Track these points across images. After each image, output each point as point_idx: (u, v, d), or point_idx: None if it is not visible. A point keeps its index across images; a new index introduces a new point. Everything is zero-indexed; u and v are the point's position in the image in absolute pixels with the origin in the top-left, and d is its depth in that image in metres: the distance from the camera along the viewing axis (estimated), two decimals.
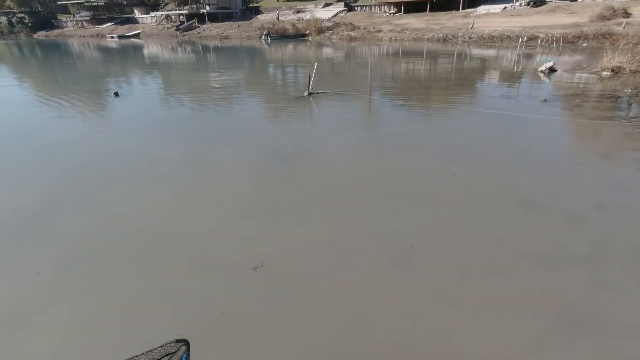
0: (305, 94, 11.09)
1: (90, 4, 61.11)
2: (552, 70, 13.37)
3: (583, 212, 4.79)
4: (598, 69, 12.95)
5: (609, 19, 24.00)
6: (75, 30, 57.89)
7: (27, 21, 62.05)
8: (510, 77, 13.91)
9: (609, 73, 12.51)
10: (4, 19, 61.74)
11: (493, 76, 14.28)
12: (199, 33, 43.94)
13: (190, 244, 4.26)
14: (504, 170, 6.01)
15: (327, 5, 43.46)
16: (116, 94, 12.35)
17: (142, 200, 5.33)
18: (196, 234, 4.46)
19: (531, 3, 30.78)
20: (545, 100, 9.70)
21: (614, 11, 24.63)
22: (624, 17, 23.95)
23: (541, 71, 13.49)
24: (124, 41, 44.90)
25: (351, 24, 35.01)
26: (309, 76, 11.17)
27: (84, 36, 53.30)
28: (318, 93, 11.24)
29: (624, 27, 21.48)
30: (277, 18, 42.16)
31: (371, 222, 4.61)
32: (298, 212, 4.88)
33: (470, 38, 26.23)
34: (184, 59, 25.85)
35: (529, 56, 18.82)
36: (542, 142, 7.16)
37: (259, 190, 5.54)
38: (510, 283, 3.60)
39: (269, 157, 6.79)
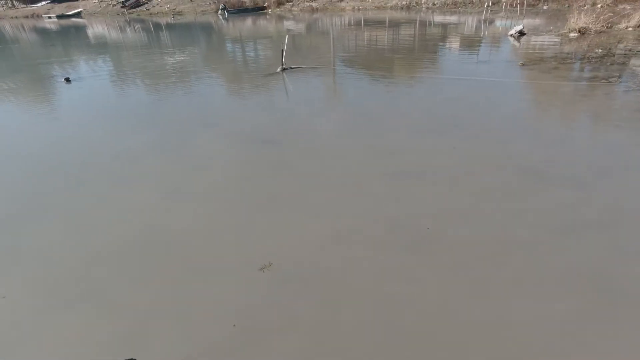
0: (279, 69, 10.42)
1: None
2: (521, 33, 13.37)
3: (586, 177, 4.69)
4: (565, 31, 13.08)
5: None
6: (5, 11, 52.15)
7: None
8: (482, 42, 13.81)
9: (576, 34, 12.65)
10: None
11: (465, 42, 14.13)
12: (148, 9, 40.85)
13: (185, 249, 3.75)
14: (498, 139, 5.84)
15: None
16: (67, 79, 11.08)
17: (119, 203, 4.69)
18: (189, 236, 3.95)
19: None
20: (523, 64, 9.64)
21: None
22: None
23: (511, 35, 13.47)
24: (64, 21, 40.98)
25: None
26: (282, 50, 10.47)
27: (16, 17, 48.17)
28: (292, 68, 10.59)
29: None
30: None
31: (378, 208, 4.28)
32: (297, 202, 4.46)
33: (433, 4, 25.94)
34: (135, 38, 23.89)
35: (493, 21, 18.83)
36: (528, 107, 7.07)
37: (249, 180, 5.04)
38: (535, 258, 3.42)
39: (252, 141, 6.25)
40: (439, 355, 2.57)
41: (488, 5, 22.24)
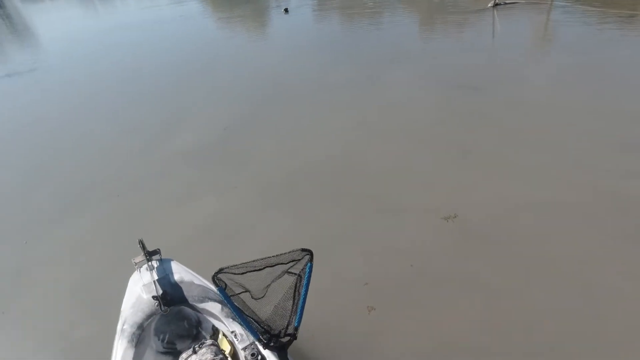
0: (490, 4, 9.12)
1: None
2: None
3: None
4: None
5: None
6: None
7: None
8: None
9: None
10: None
11: None
12: None
13: (370, 183, 3.93)
14: None
15: None
16: (286, 10, 12.34)
17: (319, 127, 5.21)
18: (375, 171, 4.10)
19: None
20: None
21: None
22: None
23: None
24: None
25: None
26: None
27: None
28: (505, 4, 9.12)
29: None
30: None
31: (604, 181, 3.49)
32: (494, 158, 4.03)
33: None
34: None
35: None
36: None
37: (441, 126, 4.79)
38: None
39: (448, 84, 5.85)
40: None
41: None
